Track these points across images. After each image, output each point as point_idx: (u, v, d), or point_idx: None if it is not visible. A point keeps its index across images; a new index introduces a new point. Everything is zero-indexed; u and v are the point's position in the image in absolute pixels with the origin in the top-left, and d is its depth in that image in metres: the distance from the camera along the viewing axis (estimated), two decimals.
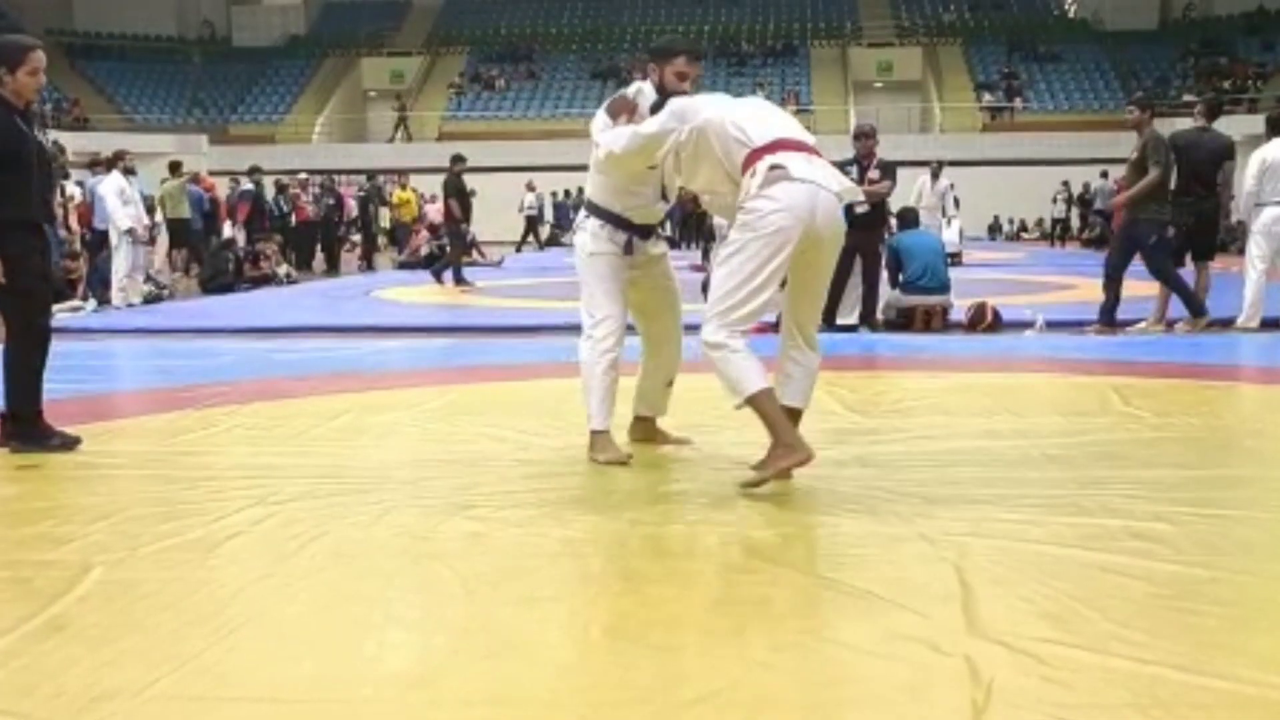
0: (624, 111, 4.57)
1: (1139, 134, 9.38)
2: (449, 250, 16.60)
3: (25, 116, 4.91)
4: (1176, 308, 9.43)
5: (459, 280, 15.75)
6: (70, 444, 4.89)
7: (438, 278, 16.00)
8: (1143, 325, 9.40)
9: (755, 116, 4.26)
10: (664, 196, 4.79)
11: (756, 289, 4.07)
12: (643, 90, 4.69)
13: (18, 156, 4.79)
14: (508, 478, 4.43)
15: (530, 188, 30.68)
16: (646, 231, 4.83)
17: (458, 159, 16.20)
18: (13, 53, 4.84)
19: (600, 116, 4.65)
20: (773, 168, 4.03)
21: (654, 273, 4.89)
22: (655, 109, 4.45)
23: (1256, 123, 23.84)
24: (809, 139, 4.28)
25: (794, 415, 4.34)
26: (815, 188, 4.05)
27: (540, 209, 31.25)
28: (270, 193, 19.94)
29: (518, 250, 28.09)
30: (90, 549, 3.51)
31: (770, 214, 4.01)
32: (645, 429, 5.05)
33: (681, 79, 4.60)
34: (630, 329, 4.96)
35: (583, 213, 4.88)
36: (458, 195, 15.88)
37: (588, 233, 4.78)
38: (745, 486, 4.13)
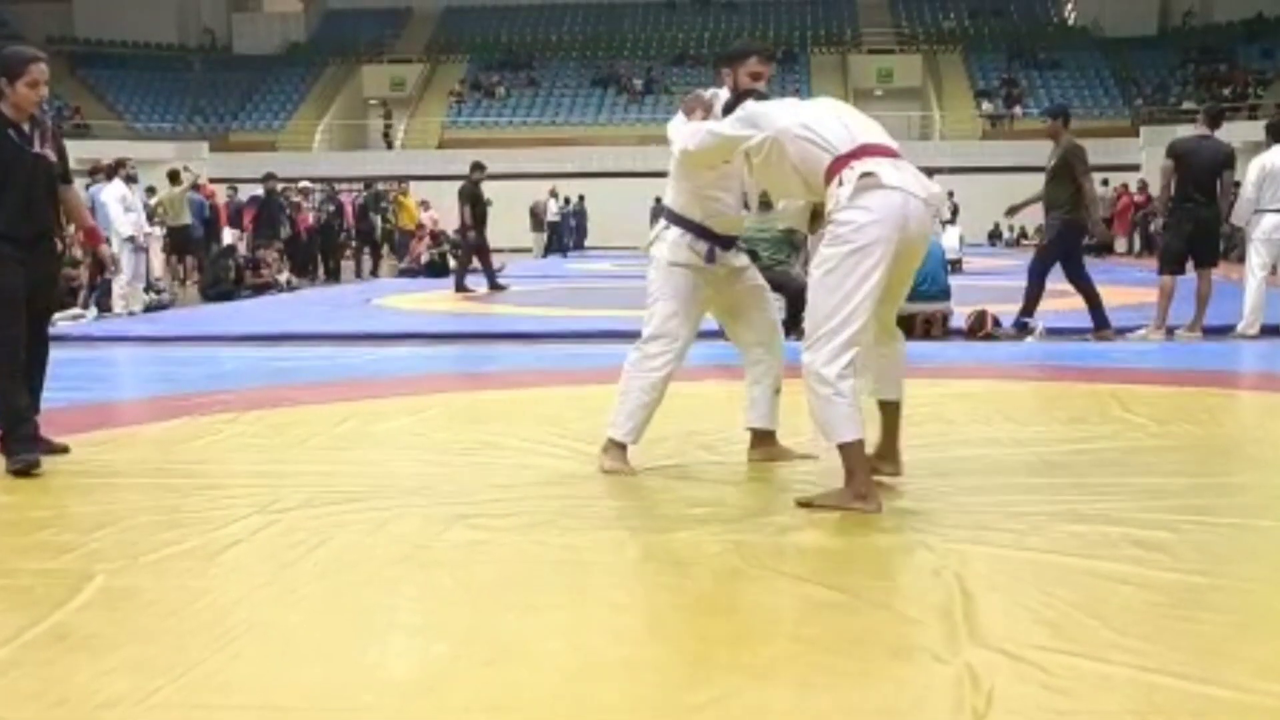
0: (698, 107, 4.48)
1: (1055, 144, 9.43)
2: (462, 256, 16.54)
3: (22, 130, 4.78)
4: (1175, 314, 9.43)
5: (460, 287, 15.74)
6: (30, 467, 4.66)
7: (459, 288, 15.82)
8: (1143, 332, 9.41)
9: (835, 120, 4.07)
10: (745, 205, 4.66)
11: (857, 308, 3.84)
12: (718, 95, 4.57)
13: (7, 171, 4.69)
14: (509, 486, 4.43)
15: (553, 194, 30.80)
16: (728, 242, 4.64)
17: (477, 166, 16.19)
18: (13, 64, 4.73)
19: (676, 117, 4.53)
20: (864, 175, 3.85)
21: (737, 282, 4.70)
22: (729, 110, 4.32)
23: (1256, 129, 23.83)
24: (892, 142, 4.11)
25: (894, 411, 4.29)
26: (907, 195, 3.88)
27: (564, 215, 31.43)
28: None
29: (545, 256, 28.21)
30: (91, 557, 3.52)
31: (866, 225, 3.82)
32: (766, 448, 4.76)
33: (756, 79, 4.51)
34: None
35: (661, 222, 4.71)
36: (472, 202, 15.82)
37: (667, 242, 4.60)
38: (800, 504, 4.03)
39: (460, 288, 15.72)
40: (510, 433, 5.47)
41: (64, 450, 4.96)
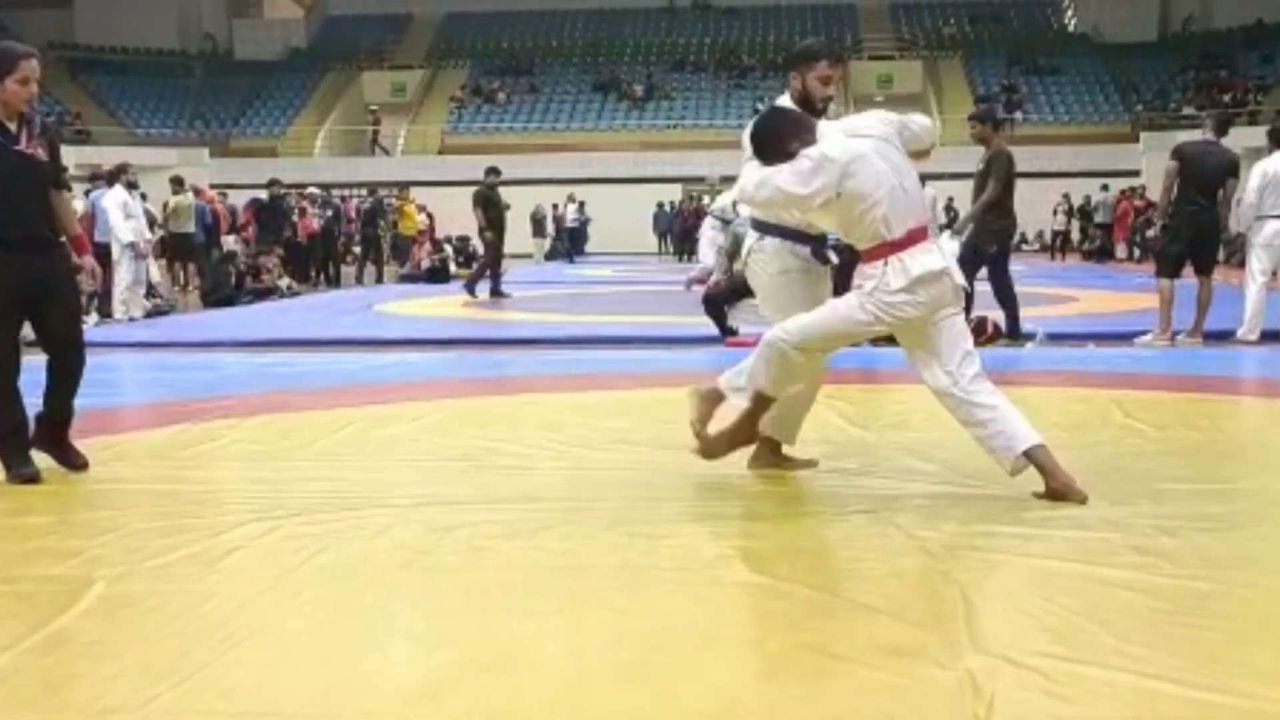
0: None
1: (986, 148, 9.47)
2: (483, 261, 16.49)
3: (8, 129, 4.62)
4: (1175, 319, 9.43)
5: (469, 290, 15.70)
6: (24, 481, 4.62)
7: (495, 293, 15.71)
8: (1148, 338, 9.39)
9: (891, 179, 4.08)
10: None
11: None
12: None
13: None
14: (509, 491, 4.43)
15: (572, 199, 30.84)
16: (823, 239, 4.60)
17: (491, 171, 16.13)
18: (3, 60, 4.61)
19: (749, 134, 4.37)
20: (912, 272, 4.05)
21: (823, 285, 4.66)
22: (798, 119, 4.26)
23: (1256, 135, 23.83)
24: (925, 210, 4.29)
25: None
26: (946, 275, 4.11)
27: (583, 222, 31.51)
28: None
29: (570, 261, 28.25)
30: (92, 563, 3.52)
31: (906, 307, 4.08)
32: (771, 455, 4.73)
33: (825, 83, 4.46)
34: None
35: (752, 235, 4.63)
36: (485, 206, 15.78)
37: (767, 253, 4.54)
38: (1037, 495, 4.13)
39: (470, 290, 15.69)
40: (510, 438, 5.47)
41: (84, 467, 4.81)
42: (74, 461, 4.84)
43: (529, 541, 3.72)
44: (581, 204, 32.54)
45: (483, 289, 15.91)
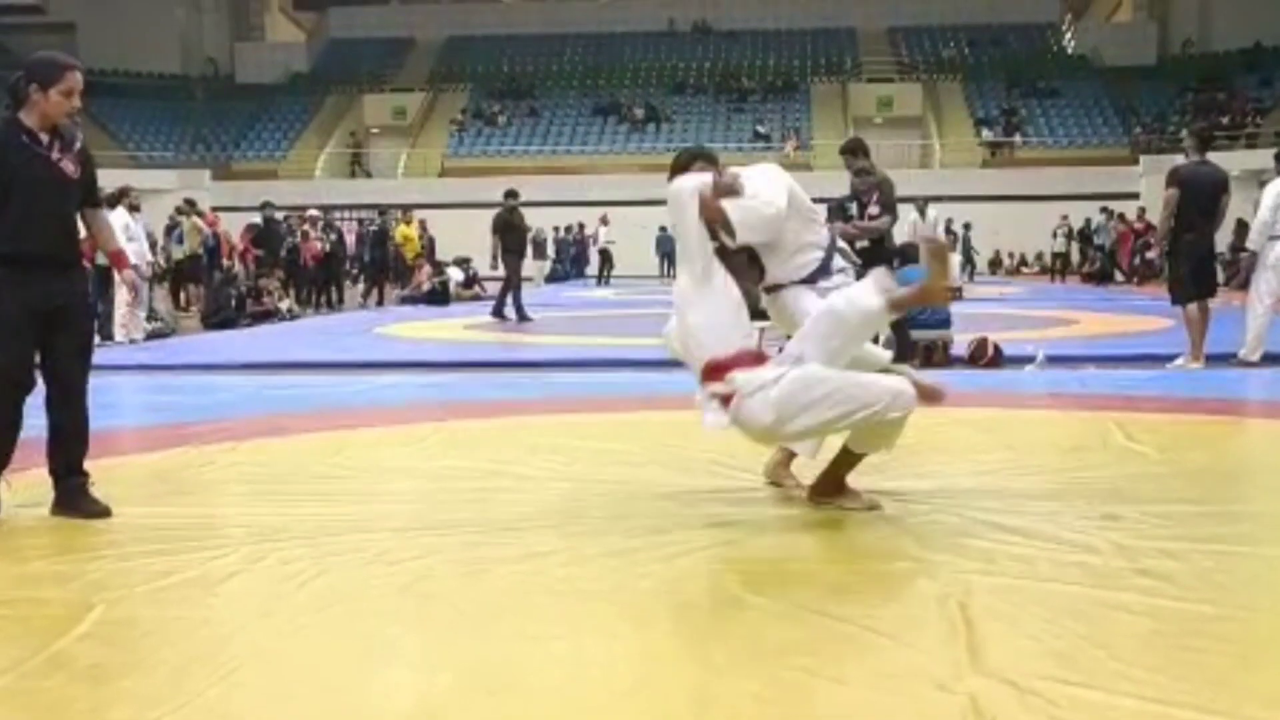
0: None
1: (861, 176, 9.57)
2: (503, 285, 16.29)
3: (39, 139, 4.42)
4: (1180, 342, 9.41)
5: (497, 314, 15.60)
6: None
7: (520, 315, 15.57)
8: (1180, 362, 9.26)
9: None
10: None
11: None
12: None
13: (11, 182, 4.34)
14: (507, 514, 4.42)
15: (604, 221, 30.89)
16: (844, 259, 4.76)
17: (510, 194, 15.99)
18: (48, 69, 4.42)
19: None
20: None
21: None
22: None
23: (1255, 158, 23.94)
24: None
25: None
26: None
27: (564, 243, 31.55)
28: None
29: (598, 283, 28.24)
30: (90, 587, 3.50)
31: None
32: (781, 475, 4.77)
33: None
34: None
35: (830, 274, 4.60)
36: (504, 229, 15.71)
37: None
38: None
39: (497, 314, 15.59)
40: (509, 460, 5.46)
41: (105, 514, 4.45)
42: (93, 510, 4.49)
43: (527, 564, 3.71)
44: (569, 227, 32.59)
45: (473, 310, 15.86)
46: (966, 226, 28.79)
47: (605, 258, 30.39)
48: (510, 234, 15.77)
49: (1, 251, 4.36)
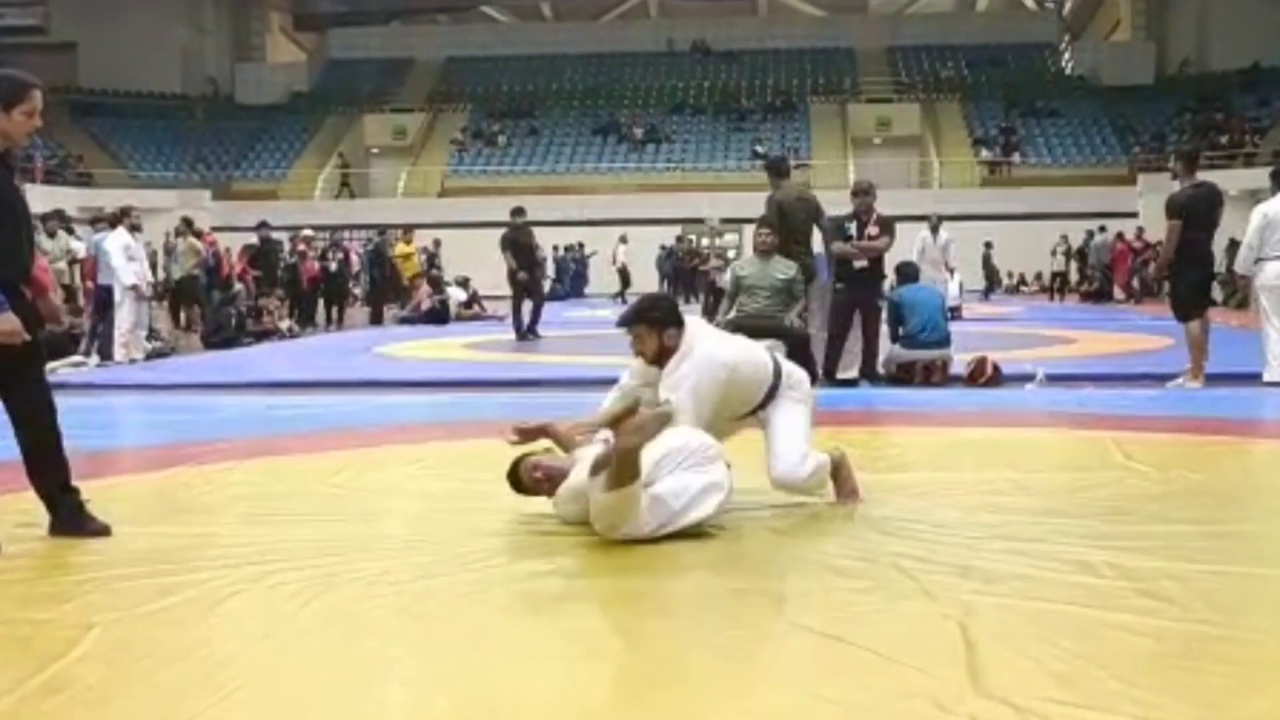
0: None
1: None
2: (535, 303, 16.16)
3: (8, 164, 4.41)
4: (1179, 362, 9.41)
5: (520, 333, 15.56)
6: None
7: (532, 332, 15.58)
8: (1180, 380, 9.26)
9: None
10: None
11: None
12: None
13: (7, 208, 4.28)
14: (506, 534, 4.42)
15: (623, 240, 30.96)
16: None
17: (517, 212, 15.90)
18: (10, 88, 4.32)
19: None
20: None
21: None
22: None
23: (1252, 177, 23.97)
24: None
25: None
26: None
27: (565, 262, 31.63)
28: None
29: (614, 299, 28.29)
30: (89, 608, 3.49)
31: None
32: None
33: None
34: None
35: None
36: (513, 248, 15.69)
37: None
38: None
39: (520, 334, 15.56)
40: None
41: (105, 532, 4.42)
42: (92, 528, 4.45)
43: (527, 584, 3.70)
44: (570, 246, 32.68)
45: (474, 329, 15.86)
46: (988, 245, 28.90)
47: (624, 276, 30.51)
48: (517, 251, 15.75)
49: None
